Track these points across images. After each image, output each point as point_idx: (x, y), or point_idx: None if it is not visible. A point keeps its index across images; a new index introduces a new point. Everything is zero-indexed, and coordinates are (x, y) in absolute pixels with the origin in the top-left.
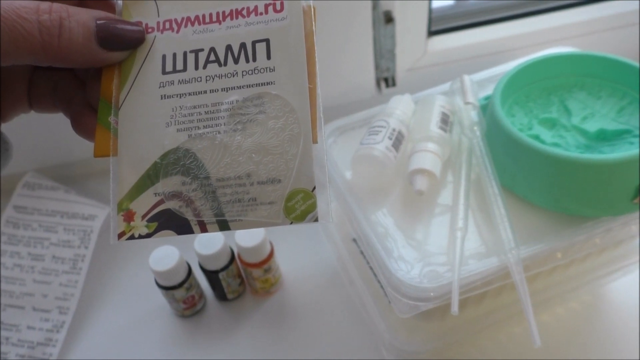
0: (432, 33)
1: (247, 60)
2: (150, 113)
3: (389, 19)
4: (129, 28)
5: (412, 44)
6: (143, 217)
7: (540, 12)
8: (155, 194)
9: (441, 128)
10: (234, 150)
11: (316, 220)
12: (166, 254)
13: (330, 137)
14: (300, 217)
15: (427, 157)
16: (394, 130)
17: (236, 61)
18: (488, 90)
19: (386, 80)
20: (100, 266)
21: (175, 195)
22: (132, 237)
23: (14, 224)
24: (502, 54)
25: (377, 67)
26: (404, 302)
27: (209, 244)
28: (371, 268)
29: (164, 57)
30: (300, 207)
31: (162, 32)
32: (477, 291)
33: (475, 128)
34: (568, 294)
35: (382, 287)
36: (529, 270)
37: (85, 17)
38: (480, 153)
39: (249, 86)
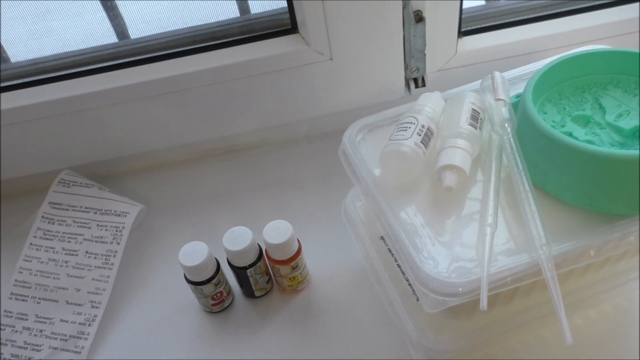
0: (463, 33)
1: None
2: None
3: (419, 18)
4: None
5: (442, 44)
6: None
7: (572, 12)
8: None
9: (471, 125)
10: None
11: None
12: (195, 249)
13: (359, 134)
14: None
15: (457, 153)
16: (423, 126)
17: None
18: (519, 89)
19: (415, 81)
20: (131, 262)
21: None
22: None
23: (50, 220)
24: (533, 54)
25: (406, 67)
26: (432, 297)
27: (237, 240)
28: (399, 266)
29: None
30: None
31: None
32: (506, 288)
33: (506, 125)
34: (601, 295)
35: (410, 285)
36: (560, 267)
37: None
38: (511, 150)
39: None
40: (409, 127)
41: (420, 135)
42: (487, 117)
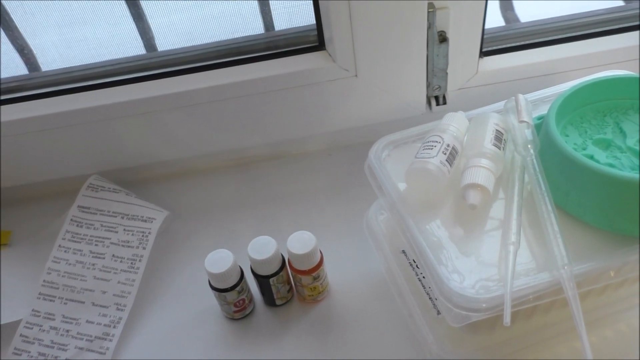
0: (484, 53)
1: None
2: None
3: (443, 38)
4: None
5: (464, 63)
6: None
7: (593, 35)
8: None
9: (495, 145)
10: None
11: None
12: (221, 257)
13: (384, 151)
14: None
15: (481, 172)
16: (448, 145)
17: None
18: (540, 111)
19: (437, 99)
20: (156, 266)
21: None
22: None
23: (78, 223)
24: (553, 76)
25: (428, 85)
26: (456, 312)
27: (262, 249)
28: (419, 280)
29: None
30: None
31: None
32: (528, 305)
33: (529, 146)
34: (618, 315)
35: (430, 298)
36: (580, 287)
37: None
38: (534, 171)
39: None
40: (435, 146)
41: (445, 154)
42: (511, 138)
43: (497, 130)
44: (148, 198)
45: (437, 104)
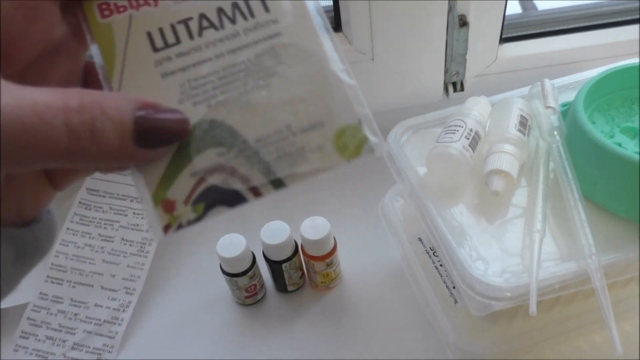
0: (503, 40)
1: (245, 18)
2: (155, 95)
3: (463, 22)
4: (170, 117)
5: (483, 49)
6: (186, 201)
7: (615, 24)
8: (192, 174)
9: (519, 131)
10: (264, 108)
11: (372, 151)
12: (233, 242)
13: (403, 135)
14: (355, 153)
15: (505, 158)
16: (471, 130)
17: (233, 21)
18: (563, 98)
19: (454, 85)
20: (166, 251)
21: (216, 169)
22: (180, 227)
23: (86, 206)
24: (574, 65)
25: (447, 71)
26: (478, 300)
27: (275, 234)
28: (436, 268)
29: (149, 34)
30: (352, 143)
31: (137, 9)
32: (553, 295)
33: (556, 133)
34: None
35: (447, 287)
36: (606, 278)
37: (122, 112)
38: (560, 158)
39: (256, 42)
40: (457, 130)
41: (468, 138)
42: (535, 124)
43: (521, 115)
44: None
45: (455, 91)
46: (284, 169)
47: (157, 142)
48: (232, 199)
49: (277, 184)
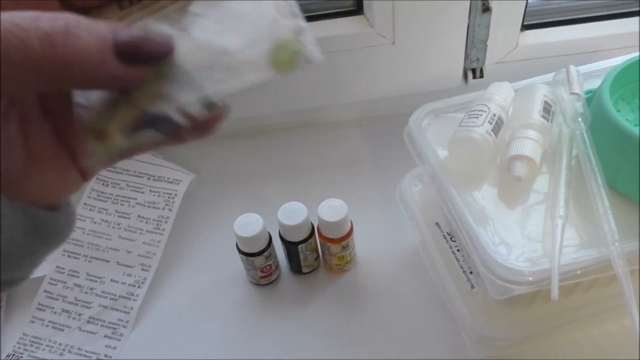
0: (525, 27)
1: None
2: None
3: (486, 8)
4: (155, 39)
5: (505, 36)
6: (121, 132)
7: (636, 13)
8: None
9: (543, 117)
10: (198, 35)
11: (308, 61)
12: (250, 221)
13: (425, 119)
14: (288, 64)
15: (528, 143)
16: (494, 115)
17: None
18: (587, 86)
19: (474, 72)
20: (182, 229)
21: (149, 95)
22: (112, 157)
23: (104, 182)
24: (594, 54)
25: (467, 57)
26: (499, 284)
27: (292, 215)
28: (453, 253)
29: None
30: (285, 55)
31: None
32: (572, 280)
33: (580, 119)
34: None
35: (464, 272)
36: (627, 265)
37: (101, 27)
38: (584, 145)
39: None
40: (480, 115)
41: (491, 123)
42: (559, 110)
43: (545, 101)
44: (173, 160)
45: (474, 77)
46: (212, 86)
47: (138, 57)
48: (164, 122)
49: (205, 100)
